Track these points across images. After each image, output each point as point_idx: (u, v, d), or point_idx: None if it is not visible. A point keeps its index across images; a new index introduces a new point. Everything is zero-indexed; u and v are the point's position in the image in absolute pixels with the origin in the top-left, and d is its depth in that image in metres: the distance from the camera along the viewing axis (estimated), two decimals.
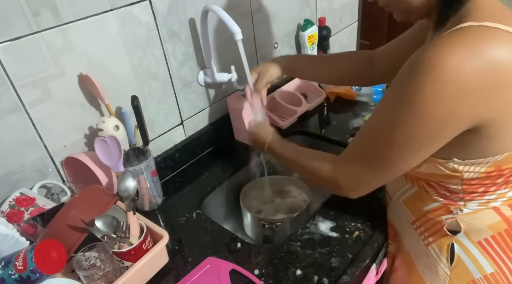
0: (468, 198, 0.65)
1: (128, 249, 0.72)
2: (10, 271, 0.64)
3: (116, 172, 0.85)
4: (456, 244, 0.68)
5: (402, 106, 0.55)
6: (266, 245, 0.86)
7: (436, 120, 0.53)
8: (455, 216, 0.67)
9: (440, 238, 0.70)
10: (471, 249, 0.68)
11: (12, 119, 0.76)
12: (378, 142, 0.61)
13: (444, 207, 0.68)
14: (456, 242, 0.68)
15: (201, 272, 0.76)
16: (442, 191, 0.67)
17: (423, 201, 0.71)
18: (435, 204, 0.69)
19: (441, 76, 0.50)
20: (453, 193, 0.66)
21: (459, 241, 0.68)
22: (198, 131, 1.15)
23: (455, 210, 0.67)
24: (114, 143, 0.83)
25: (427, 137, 0.56)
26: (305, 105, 1.27)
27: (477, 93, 0.51)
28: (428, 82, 0.51)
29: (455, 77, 0.49)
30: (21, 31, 0.73)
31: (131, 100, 0.85)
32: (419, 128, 0.55)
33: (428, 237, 0.72)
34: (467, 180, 0.63)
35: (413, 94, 0.53)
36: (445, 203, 0.68)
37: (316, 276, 0.75)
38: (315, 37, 1.34)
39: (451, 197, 0.67)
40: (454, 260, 0.69)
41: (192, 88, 1.09)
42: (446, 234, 0.69)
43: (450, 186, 0.65)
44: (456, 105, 0.51)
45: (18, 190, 0.78)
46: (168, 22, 0.96)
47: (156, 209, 0.97)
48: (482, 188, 0.63)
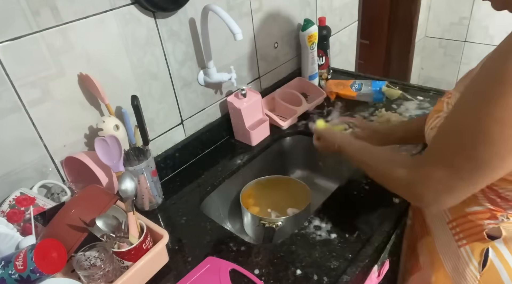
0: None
1: (128, 249, 0.72)
2: (10, 271, 0.64)
3: (116, 171, 0.85)
4: (492, 250, 0.66)
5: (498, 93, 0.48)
6: (266, 245, 0.87)
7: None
8: (499, 223, 0.64)
9: (476, 242, 0.67)
10: (507, 257, 0.65)
11: (12, 119, 0.76)
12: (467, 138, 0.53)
13: (489, 212, 0.64)
14: (492, 248, 0.66)
15: (201, 271, 0.76)
16: (492, 196, 0.62)
17: (467, 202, 0.64)
18: (480, 208, 0.65)
19: None
20: (504, 200, 0.61)
21: (496, 247, 0.65)
22: (198, 131, 1.15)
23: (501, 216, 0.64)
24: (115, 143, 0.83)
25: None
26: (305, 105, 1.27)
27: None
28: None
29: None
30: (21, 31, 0.73)
31: (131, 100, 0.85)
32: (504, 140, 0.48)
33: (463, 239, 0.69)
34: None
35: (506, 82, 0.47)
36: (492, 208, 0.64)
37: (316, 276, 0.75)
38: (315, 37, 1.34)
39: (500, 204, 0.63)
40: (486, 265, 0.66)
41: (192, 88, 1.09)
42: (483, 239, 0.66)
43: (503, 192, 0.60)
44: None
45: (18, 190, 0.78)
46: (168, 22, 0.96)
47: (156, 208, 0.97)
48: None
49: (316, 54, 1.38)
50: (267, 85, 1.35)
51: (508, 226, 0.64)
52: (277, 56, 1.34)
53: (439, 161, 0.57)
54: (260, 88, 1.32)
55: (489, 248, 0.66)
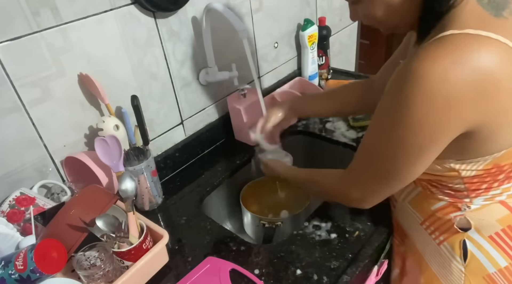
0: (473, 195, 0.65)
1: (128, 249, 0.72)
2: (10, 271, 0.64)
3: (116, 171, 0.85)
4: (468, 241, 0.69)
5: (394, 119, 0.56)
6: (266, 245, 0.87)
7: (428, 130, 0.54)
8: (463, 213, 0.68)
9: (451, 236, 0.70)
10: (483, 244, 0.68)
11: (12, 119, 0.76)
12: (378, 154, 0.62)
13: (451, 205, 0.69)
14: (467, 239, 0.69)
15: (201, 271, 0.76)
16: (446, 190, 0.68)
17: (429, 200, 0.71)
18: (442, 203, 0.70)
19: (428, 86, 0.50)
20: (457, 191, 0.66)
21: (471, 237, 0.68)
22: (198, 131, 1.15)
23: (462, 207, 0.67)
24: (115, 143, 0.83)
25: (423, 146, 0.56)
26: None
27: (465, 100, 0.51)
28: (417, 93, 0.51)
29: (441, 87, 0.50)
30: (21, 31, 0.73)
31: (131, 100, 0.85)
32: (413, 139, 0.55)
33: (439, 236, 0.72)
34: (467, 178, 0.63)
35: (403, 106, 0.53)
36: (451, 201, 0.68)
37: (316, 276, 0.75)
38: (315, 36, 1.34)
39: (456, 195, 0.67)
40: (467, 257, 0.70)
41: (192, 88, 1.09)
42: (457, 232, 0.69)
43: (452, 185, 0.66)
44: (446, 113, 0.52)
45: (18, 190, 0.78)
46: (168, 22, 0.96)
47: (156, 208, 0.97)
48: (485, 185, 0.64)
49: (316, 54, 1.38)
50: (267, 85, 1.35)
51: (472, 214, 0.67)
52: (277, 56, 1.34)
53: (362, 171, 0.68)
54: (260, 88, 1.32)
55: (465, 240, 0.69)
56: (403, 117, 0.54)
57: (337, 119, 1.22)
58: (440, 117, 0.52)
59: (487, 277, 0.70)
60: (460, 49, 0.51)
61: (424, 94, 0.51)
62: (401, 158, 0.59)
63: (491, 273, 0.69)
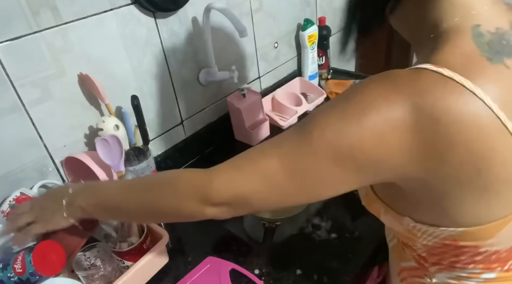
0: (435, 269, 0.57)
1: (129, 249, 0.72)
2: (9, 274, 0.64)
3: (117, 171, 0.85)
4: None
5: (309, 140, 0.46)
6: (266, 245, 0.87)
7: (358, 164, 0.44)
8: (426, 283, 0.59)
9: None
10: None
11: (12, 119, 0.76)
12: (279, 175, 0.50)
13: (417, 270, 0.60)
14: None
15: (201, 271, 0.76)
16: (412, 253, 0.59)
17: (400, 255, 0.64)
18: (410, 263, 0.62)
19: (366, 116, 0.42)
20: (422, 258, 0.58)
21: None
22: (198, 131, 1.15)
23: (425, 277, 0.59)
24: (116, 142, 0.83)
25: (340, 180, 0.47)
26: (305, 105, 1.27)
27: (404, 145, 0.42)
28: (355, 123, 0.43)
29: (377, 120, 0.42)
30: (21, 31, 0.73)
31: (131, 100, 0.85)
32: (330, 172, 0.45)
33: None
34: (426, 246, 0.54)
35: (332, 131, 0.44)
36: (417, 266, 0.60)
37: (316, 276, 0.75)
38: (315, 36, 1.34)
39: (420, 261, 0.59)
40: None
41: (192, 88, 1.09)
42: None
43: (416, 250, 0.57)
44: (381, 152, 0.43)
45: (18, 190, 0.78)
46: (168, 22, 0.96)
47: None
48: (446, 261, 0.54)
49: (316, 54, 1.38)
50: (267, 85, 1.35)
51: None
52: (277, 56, 1.34)
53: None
54: (260, 88, 1.32)
55: None
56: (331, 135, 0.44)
57: None
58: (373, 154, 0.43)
59: None
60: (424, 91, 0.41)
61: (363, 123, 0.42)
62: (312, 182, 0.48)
63: None
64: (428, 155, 0.42)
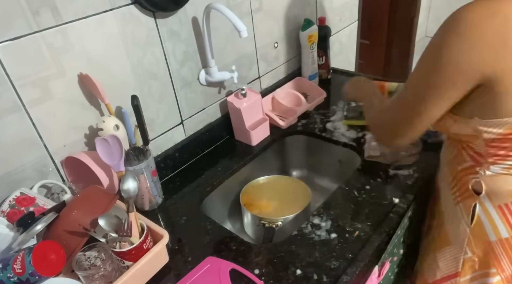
0: (491, 160, 0.68)
1: (129, 249, 0.72)
2: (9, 274, 0.64)
3: (117, 171, 0.85)
4: (479, 205, 0.72)
5: (427, 58, 0.63)
6: (266, 245, 0.87)
7: (452, 68, 0.59)
8: (479, 177, 0.70)
9: (467, 198, 0.74)
10: (491, 211, 0.71)
11: (12, 119, 0.76)
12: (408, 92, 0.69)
13: (472, 168, 0.72)
14: (479, 203, 0.71)
15: (201, 271, 0.76)
16: (471, 152, 0.71)
17: (458, 161, 0.75)
18: (466, 164, 0.73)
19: (460, 29, 0.57)
20: (479, 155, 0.69)
21: (482, 202, 0.71)
22: (198, 131, 1.15)
23: (480, 171, 0.70)
24: (116, 142, 0.83)
25: (444, 85, 0.62)
26: (305, 105, 1.27)
27: (490, 46, 0.56)
28: (450, 34, 0.59)
29: (472, 30, 0.56)
30: (21, 31, 0.73)
31: (131, 100, 0.85)
32: (437, 75, 0.61)
33: (458, 197, 0.76)
34: (488, 141, 0.66)
35: (437, 46, 0.60)
36: (473, 164, 0.71)
37: (316, 276, 0.75)
38: (315, 36, 1.34)
39: (477, 158, 0.70)
40: (474, 220, 0.73)
41: (192, 87, 1.09)
42: (472, 194, 0.72)
43: (475, 147, 0.69)
44: (470, 54, 0.58)
45: (18, 190, 0.78)
46: (168, 22, 0.96)
47: (156, 208, 0.97)
48: (503, 151, 0.66)
49: (316, 54, 1.38)
50: (267, 85, 1.35)
51: (488, 180, 0.70)
52: (277, 56, 1.34)
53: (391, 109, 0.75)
54: (260, 88, 1.32)
55: (476, 204, 0.72)
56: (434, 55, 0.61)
57: (338, 119, 1.22)
58: (465, 56, 0.58)
59: (487, 244, 0.72)
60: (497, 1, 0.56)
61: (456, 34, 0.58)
62: (424, 95, 0.65)
63: (492, 241, 0.72)
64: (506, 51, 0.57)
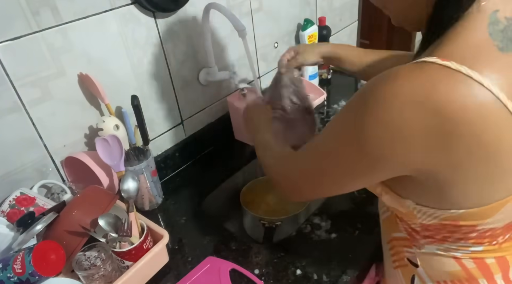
0: (426, 241, 0.60)
1: (129, 249, 0.72)
2: (9, 274, 0.64)
3: (117, 171, 0.85)
4: (417, 277, 0.65)
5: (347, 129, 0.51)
6: (266, 245, 0.87)
7: (372, 159, 0.49)
8: (414, 252, 0.64)
9: (404, 266, 0.67)
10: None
11: (12, 119, 0.76)
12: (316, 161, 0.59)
13: (406, 240, 0.65)
14: (416, 275, 0.65)
15: (201, 271, 0.76)
16: (405, 226, 0.64)
17: (393, 226, 0.68)
18: (400, 234, 0.66)
19: (385, 116, 0.45)
20: (414, 231, 0.62)
21: (420, 275, 0.64)
22: (198, 131, 1.15)
23: (414, 247, 0.63)
24: (116, 142, 0.83)
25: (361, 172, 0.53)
26: None
27: (419, 141, 0.45)
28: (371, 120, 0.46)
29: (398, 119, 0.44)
30: (21, 31, 0.73)
31: (131, 100, 0.85)
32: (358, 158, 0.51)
33: (396, 261, 0.70)
34: (423, 224, 0.58)
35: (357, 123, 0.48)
36: (407, 237, 0.64)
37: (316, 276, 0.75)
38: (315, 36, 1.34)
39: (412, 234, 0.63)
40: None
41: (192, 87, 1.09)
42: (409, 264, 0.65)
43: (410, 224, 0.62)
44: (394, 148, 0.46)
45: (18, 190, 0.78)
46: (168, 22, 0.96)
47: (156, 208, 0.97)
48: (439, 236, 0.58)
49: None
50: (267, 85, 1.35)
51: (423, 257, 0.63)
52: (277, 56, 1.34)
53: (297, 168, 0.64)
54: (260, 88, 1.32)
55: (414, 275, 0.65)
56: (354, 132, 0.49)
57: None
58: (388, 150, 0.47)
59: None
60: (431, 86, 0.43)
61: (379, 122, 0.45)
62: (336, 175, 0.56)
63: None
64: (438, 147, 0.44)
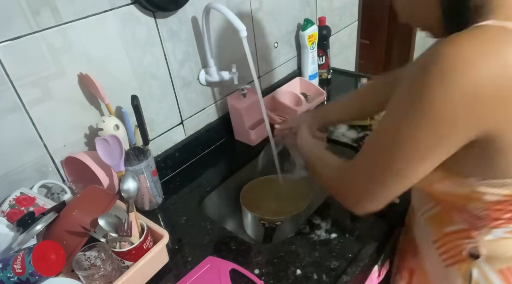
0: (493, 224, 0.59)
1: (129, 249, 0.72)
2: (9, 274, 0.64)
3: (117, 171, 0.85)
4: (477, 270, 0.63)
5: (409, 110, 0.51)
6: (266, 245, 0.87)
7: (443, 126, 0.49)
8: (477, 242, 0.62)
9: (460, 262, 0.65)
10: (491, 277, 0.63)
11: (12, 119, 0.76)
12: (382, 149, 0.56)
13: (466, 231, 0.63)
14: (476, 268, 0.63)
15: (201, 271, 0.76)
16: (464, 215, 0.62)
17: (445, 221, 0.66)
18: (456, 227, 0.64)
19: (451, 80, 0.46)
20: (477, 218, 0.60)
21: (480, 267, 0.63)
22: (198, 131, 1.15)
23: (478, 236, 0.62)
24: (116, 142, 0.83)
25: (433, 143, 0.51)
26: (305, 105, 1.27)
27: (488, 100, 0.46)
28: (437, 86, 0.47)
29: (465, 81, 0.45)
30: (21, 31, 0.73)
31: (131, 100, 0.85)
32: (425, 133, 0.50)
33: (448, 259, 0.67)
34: (489, 203, 0.57)
35: (421, 98, 0.48)
36: (467, 228, 0.63)
37: (316, 276, 0.75)
38: (315, 36, 1.35)
39: (474, 222, 0.61)
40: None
41: (192, 87, 1.09)
42: (466, 258, 0.64)
43: (473, 211, 0.60)
44: (464, 110, 0.47)
45: (18, 190, 0.78)
46: (168, 22, 0.96)
47: (156, 208, 0.97)
48: (508, 214, 0.57)
49: (316, 54, 1.38)
50: (267, 85, 1.35)
51: (487, 244, 0.62)
52: (277, 56, 1.34)
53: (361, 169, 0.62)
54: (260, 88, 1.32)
55: (472, 269, 0.64)
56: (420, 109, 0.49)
57: None
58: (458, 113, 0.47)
59: None
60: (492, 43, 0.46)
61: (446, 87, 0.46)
62: (408, 155, 0.53)
63: None
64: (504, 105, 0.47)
